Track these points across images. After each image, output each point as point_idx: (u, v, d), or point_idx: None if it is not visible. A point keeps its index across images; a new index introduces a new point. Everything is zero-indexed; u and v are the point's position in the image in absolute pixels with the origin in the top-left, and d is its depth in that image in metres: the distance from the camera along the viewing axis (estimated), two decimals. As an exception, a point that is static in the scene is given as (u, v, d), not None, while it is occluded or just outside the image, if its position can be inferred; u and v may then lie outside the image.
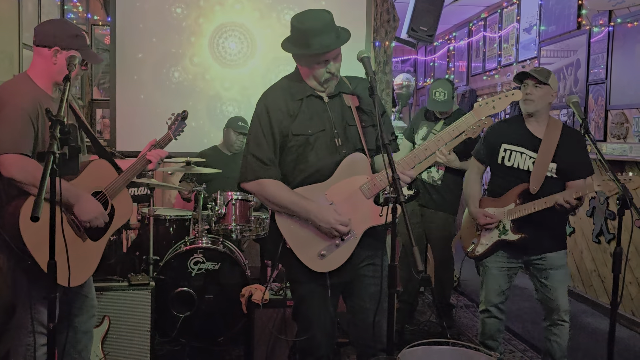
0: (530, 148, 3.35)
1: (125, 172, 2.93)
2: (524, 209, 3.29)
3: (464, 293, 5.83)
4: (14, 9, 4.06)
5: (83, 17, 5.58)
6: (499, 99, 2.68)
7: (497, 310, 3.50)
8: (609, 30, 5.23)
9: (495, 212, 3.38)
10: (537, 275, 3.42)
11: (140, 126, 5.60)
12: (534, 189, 3.27)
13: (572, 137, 3.37)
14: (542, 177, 3.28)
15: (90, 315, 3.03)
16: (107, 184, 2.86)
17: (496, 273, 3.46)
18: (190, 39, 5.68)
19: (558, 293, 3.36)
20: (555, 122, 3.39)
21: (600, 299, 5.44)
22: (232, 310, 4.11)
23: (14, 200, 2.54)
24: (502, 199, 3.38)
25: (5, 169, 2.48)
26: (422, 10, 5.87)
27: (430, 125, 4.64)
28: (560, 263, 3.38)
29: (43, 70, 2.70)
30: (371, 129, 2.71)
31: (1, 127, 2.51)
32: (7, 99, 2.57)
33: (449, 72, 9.20)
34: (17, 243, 2.45)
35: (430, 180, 4.57)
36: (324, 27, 2.51)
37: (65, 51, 2.68)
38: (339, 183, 2.60)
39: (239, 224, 4.46)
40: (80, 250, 2.73)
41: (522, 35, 6.99)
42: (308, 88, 2.65)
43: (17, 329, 2.69)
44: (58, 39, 2.68)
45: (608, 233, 5.27)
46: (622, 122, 5.07)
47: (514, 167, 3.38)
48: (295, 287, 2.75)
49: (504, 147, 3.42)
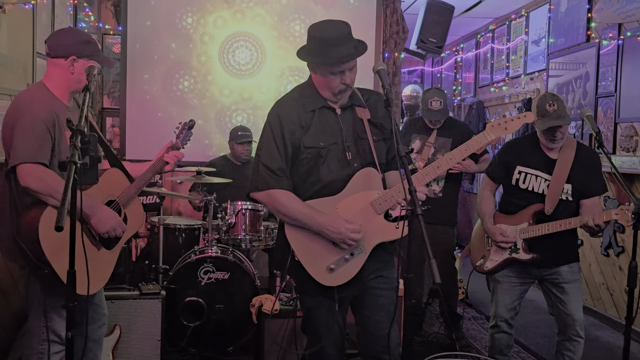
0: (545, 170, 3.33)
1: (140, 177, 2.93)
2: (538, 230, 3.27)
3: (472, 305, 5.81)
4: (28, 19, 4.09)
5: (94, 27, 5.61)
6: (512, 121, 2.69)
7: (506, 325, 3.48)
8: (619, 43, 5.24)
9: (508, 230, 3.38)
10: (551, 289, 3.40)
11: (149, 135, 5.63)
12: (548, 210, 3.27)
13: (587, 156, 3.35)
14: (556, 198, 3.27)
15: (101, 324, 3.03)
16: (120, 193, 2.86)
17: (508, 288, 3.44)
18: (200, 48, 5.71)
19: (573, 307, 3.33)
20: (570, 142, 3.36)
21: (609, 312, 5.42)
22: (242, 320, 4.10)
23: (30, 209, 2.54)
24: (516, 217, 3.38)
25: (22, 178, 2.49)
26: (431, 22, 5.91)
27: (423, 137, 4.62)
28: (574, 277, 3.36)
29: (60, 80, 2.72)
30: (382, 143, 2.71)
31: (18, 137, 2.52)
32: (24, 109, 2.58)
33: (456, 84, 9.22)
34: (35, 252, 2.44)
35: (431, 193, 4.56)
36: (341, 38, 2.51)
37: (81, 59, 2.70)
38: (351, 197, 2.59)
39: (249, 234, 4.46)
40: (95, 259, 2.73)
41: (530, 47, 7.01)
42: (321, 99, 2.64)
43: (30, 337, 2.69)
44: (72, 48, 2.70)
45: (617, 246, 5.26)
46: (632, 135, 5.07)
47: (528, 190, 3.37)
48: (304, 299, 2.74)
49: (518, 169, 3.40)
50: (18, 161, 2.49)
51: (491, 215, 3.50)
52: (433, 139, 4.56)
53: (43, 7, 4.35)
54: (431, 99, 4.53)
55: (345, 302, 2.72)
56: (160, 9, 5.62)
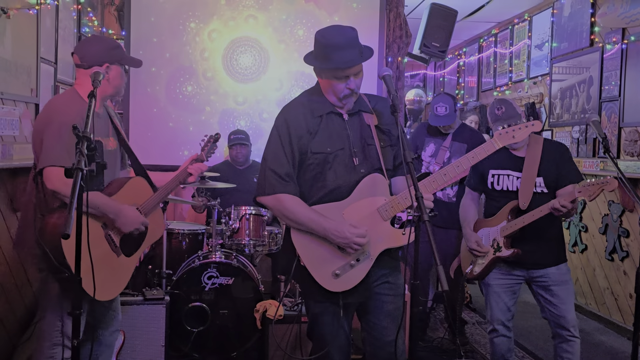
0: (515, 169, 3.41)
1: (164, 187, 2.99)
2: (515, 224, 3.32)
3: (475, 310, 5.80)
4: (32, 24, 4.09)
5: (98, 31, 5.62)
6: (519, 129, 2.71)
7: (504, 328, 3.47)
8: (622, 48, 5.23)
9: (490, 232, 3.42)
10: (541, 293, 3.41)
11: (153, 139, 5.63)
12: (523, 204, 3.31)
13: (554, 149, 3.43)
14: (529, 192, 3.32)
15: (114, 330, 3.06)
16: (144, 201, 2.91)
17: (499, 290, 3.45)
18: (203, 53, 5.72)
19: (565, 308, 3.34)
20: (535, 139, 3.44)
21: (614, 317, 5.40)
22: (246, 325, 4.10)
23: (54, 213, 2.58)
24: (495, 218, 3.43)
25: (50, 181, 2.52)
26: (434, 26, 5.89)
27: (437, 141, 4.63)
28: (563, 278, 3.37)
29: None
30: (389, 148, 2.71)
31: (48, 141, 2.57)
32: (54, 114, 2.63)
33: (459, 88, 9.22)
34: (57, 255, 2.47)
35: (445, 197, 4.56)
36: (347, 43, 2.52)
37: (113, 65, 2.78)
38: (357, 203, 2.58)
39: (253, 239, 4.46)
40: (115, 265, 2.77)
41: (533, 51, 7.01)
42: (328, 104, 2.64)
43: (41, 340, 2.71)
44: (105, 56, 2.77)
45: (621, 250, 5.24)
46: (636, 139, 5.06)
47: (504, 190, 3.43)
48: (309, 304, 2.74)
49: (491, 173, 3.48)
50: (46, 164, 2.54)
51: (471, 222, 3.56)
52: (448, 143, 4.56)
53: (47, 12, 4.35)
54: (436, 105, 4.54)
55: (351, 308, 2.71)
56: (163, 15, 5.63)
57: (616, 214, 5.24)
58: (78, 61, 2.78)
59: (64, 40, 4.70)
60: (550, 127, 6.48)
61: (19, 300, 4.02)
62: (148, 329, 3.73)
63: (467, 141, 4.57)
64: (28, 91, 4.06)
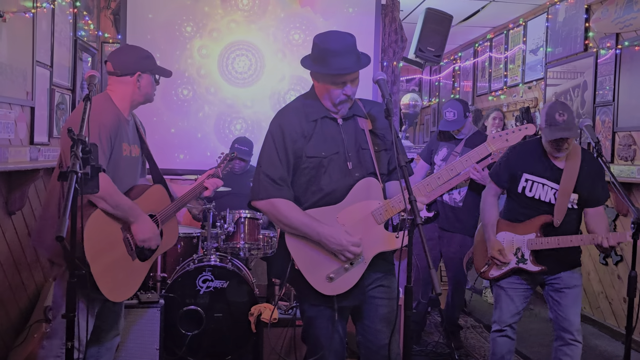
0: (552, 179, 3.30)
1: (180, 198, 3.11)
2: (547, 243, 3.25)
3: (470, 314, 5.81)
4: (28, 27, 4.10)
5: (94, 35, 5.62)
6: (513, 133, 2.72)
7: (511, 330, 3.47)
8: (616, 53, 5.26)
9: (514, 239, 3.36)
10: (551, 294, 3.40)
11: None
12: (557, 222, 3.25)
13: (591, 164, 3.32)
14: (564, 209, 3.25)
15: (116, 333, 3.09)
16: (161, 209, 2.98)
17: (512, 294, 3.43)
18: (199, 57, 5.72)
19: (571, 312, 3.34)
20: (575, 149, 3.33)
21: (608, 321, 5.42)
22: (241, 328, 4.09)
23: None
24: (522, 227, 3.35)
25: None
26: (429, 30, 5.91)
27: (450, 146, 4.66)
28: (575, 282, 3.36)
29: (125, 94, 2.89)
30: (384, 153, 2.72)
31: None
32: (92, 116, 2.65)
33: (454, 92, 9.24)
34: (77, 251, 2.49)
35: (452, 202, 4.58)
36: (345, 49, 2.53)
37: (144, 74, 2.89)
38: (351, 207, 2.59)
39: (248, 242, 4.46)
40: (129, 268, 2.82)
41: (528, 56, 7.04)
42: (323, 109, 2.65)
43: (53, 338, 2.73)
44: (137, 65, 2.88)
45: (615, 255, 5.26)
46: (630, 144, 5.08)
47: (536, 199, 3.34)
48: (304, 308, 2.74)
49: (525, 177, 3.36)
50: None
51: (494, 224, 3.46)
52: (460, 148, 4.59)
53: (43, 16, 4.35)
54: (445, 110, 4.60)
55: (346, 312, 2.72)
56: (159, 18, 5.64)
57: (610, 219, 5.26)
58: (111, 69, 2.87)
59: (59, 43, 4.71)
60: (544, 131, 6.50)
61: (14, 303, 4.02)
62: (143, 332, 3.73)
63: None
64: (24, 94, 4.07)
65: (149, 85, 2.93)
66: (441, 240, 4.64)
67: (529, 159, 3.32)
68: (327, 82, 2.58)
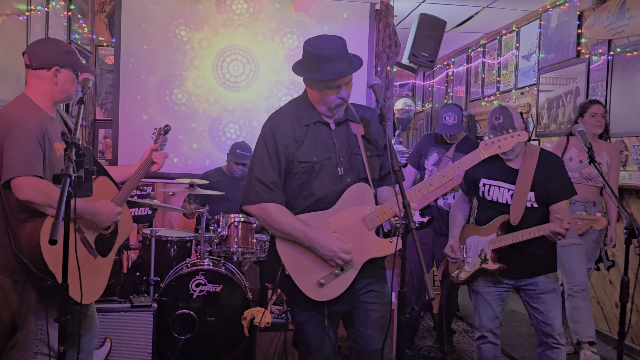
0: (508, 181, 3.37)
1: (129, 182, 2.95)
2: (504, 240, 3.31)
3: (462, 318, 5.82)
4: (22, 30, 4.09)
5: (88, 38, 5.62)
6: (505, 139, 2.74)
7: (492, 335, 3.50)
8: (609, 59, 5.30)
9: (479, 241, 3.41)
10: (528, 301, 3.42)
11: (142, 147, 5.49)
12: (514, 220, 3.29)
13: (548, 161, 3.37)
14: (521, 208, 3.29)
15: (92, 335, 3.01)
16: (113, 198, 2.85)
17: (488, 298, 3.47)
18: (193, 61, 5.73)
19: (551, 316, 3.36)
20: (531, 150, 3.39)
21: (599, 326, 5.43)
22: (234, 333, 4.09)
23: (27, 222, 2.53)
24: (485, 229, 3.41)
25: (20, 191, 2.46)
26: (423, 36, 5.94)
27: (441, 151, 4.67)
28: (551, 287, 3.38)
29: (43, 91, 2.69)
30: (375, 158, 2.72)
31: (11, 151, 2.50)
32: (13, 122, 2.55)
33: (447, 97, 9.27)
34: (37, 264, 2.44)
35: (446, 206, 4.59)
36: (337, 54, 2.53)
37: (63, 69, 2.69)
38: (342, 212, 2.59)
39: (241, 246, 4.46)
40: (93, 267, 2.75)
41: (521, 62, 7.07)
42: (316, 114, 2.65)
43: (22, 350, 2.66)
44: (55, 59, 2.68)
45: (607, 260, 5.29)
46: (622, 149, 5.12)
47: (494, 201, 3.41)
48: (295, 313, 2.73)
49: (482, 182, 3.45)
50: (14, 175, 2.46)
51: (458, 225, 3.55)
52: (451, 153, 4.60)
53: (37, 19, 4.35)
54: (445, 114, 4.60)
55: (337, 317, 2.72)
56: (154, 21, 5.64)
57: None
58: (27, 61, 2.69)
59: (53, 46, 4.69)
60: (537, 137, 6.54)
61: (5, 307, 3.99)
62: (135, 336, 3.72)
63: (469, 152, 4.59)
64: (17, 97, 4.05)
65: (67, 82, 2.71)
66: (435, 245, 4.65)
67: (485, 164, 3.35)
68: (322, 87, 2.58)
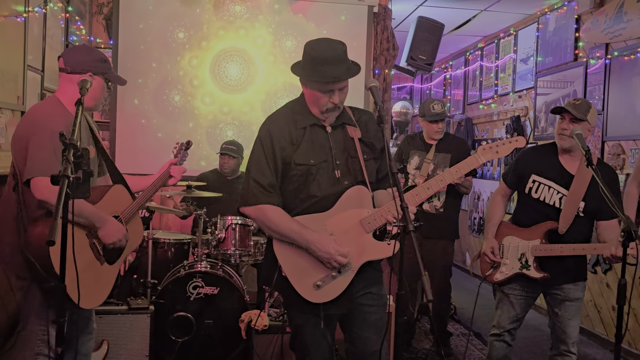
0: (561, 183, 3.26)
1: (143, 194, 3.00)
2: (550, 250, 3.22)
3: (460, 321, 5.81)
4: (19, 31, 4.09)
5: (86, 40, 5.61)
6: (503, 145, 2.74)
7: (508, 335, 3.46)
8: (606, 63, 5.32)
9: (519, 244, 3.33)
10: (552, 304, 3.39)
11: (139, 149, 5.61)
12: (562, 229, 3.21)
13: (606, 176, 3.13)
14: (571, 217, 3.20)
15: (90, 337, 3.02)
16: (123, 209, 2.90)
17: (514, 301, 3.41)
18: (191, 63, 5.72)
19: (570, 325, 3.33)
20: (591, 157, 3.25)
21: (597, 329, 5.44)
22: (231, 335, 4.07)
23: (38, 222, 2.55)
24: (528, 232, 3.32)
25: (38, 191, 2.49)
26: (421, 39, 5.95)
27: (422, 154, 4.66)
28: (577, 295, 3.33)
29: (75, 95, 2.68)
30: (372, 162, 2.72)
31: (35, 150, 2.53)
32: (40, 123, 2.60)
33: (445, 100, 9.29)
34: (44, 264, 2.44)
35: (432, 209, 4.59)
36: (335, 58, 2.52)
37: (97, 76, 2.76)
38: (340, 215, 2.59)
39: (239, 249, 4.45)
40: (99, 273, 2.76)
41: (519, 65, 7.09)
42: (312, 116, 2.64)
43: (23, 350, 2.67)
44: (90, 66, 2.75)
45: (604, 263, 5.29)
46: (619, 153, 5.13)
47: (540, 201, 3.31)
48: (292, 315, 2.73)
49: (532, 178, 3.33)
50: (35, 174, 2.50)
51: (495, 224, 3.44)
52: (432, 155, 4.59)
53: (35, 20, 4.35)
54: (432, 104, 4.64)
55: (333, 319, 2.71)
56: (152, 23, 5.63)
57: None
58: (62, 65, 2.75)
59: (51, 48, 4.70)
60: (534, 140, 6.55)
61: (2, 309, 3.99)
62: (132, 339, 3.71)
63: (452, 150, 4.61)
64: (14, 99, 4.05)
65: (98, 89, 2.78)
66: (423, 248, 4.61)
67: (540, 160, 3.27)
68: (316, 89, 2.57)
